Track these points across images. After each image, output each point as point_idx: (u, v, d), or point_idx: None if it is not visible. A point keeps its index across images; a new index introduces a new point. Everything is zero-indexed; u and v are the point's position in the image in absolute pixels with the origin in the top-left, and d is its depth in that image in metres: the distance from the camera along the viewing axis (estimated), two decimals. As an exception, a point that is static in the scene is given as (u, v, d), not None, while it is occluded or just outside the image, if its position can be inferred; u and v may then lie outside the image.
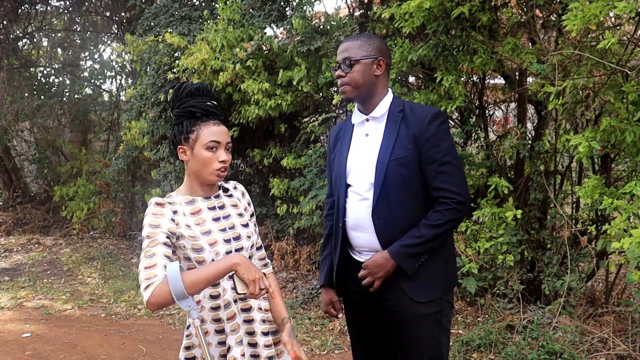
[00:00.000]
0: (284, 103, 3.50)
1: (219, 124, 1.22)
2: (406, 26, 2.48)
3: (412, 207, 1.32)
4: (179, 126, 1.22)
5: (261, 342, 1.23)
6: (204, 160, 1.19)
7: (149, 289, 1.07)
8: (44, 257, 5.31)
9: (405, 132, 1.32)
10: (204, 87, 1.22)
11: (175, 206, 1.19)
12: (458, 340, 2.49)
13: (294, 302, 3.38)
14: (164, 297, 1.07)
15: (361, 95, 1.36)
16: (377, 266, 1.31)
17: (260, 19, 3.72)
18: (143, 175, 5.79)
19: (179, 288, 1.06)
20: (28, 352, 2.83)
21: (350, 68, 1.33)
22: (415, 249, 1.30)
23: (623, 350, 2.20)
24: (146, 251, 1.12)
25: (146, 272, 1.10)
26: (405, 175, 1.31)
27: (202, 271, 1.11)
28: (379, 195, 1.31)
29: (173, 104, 1.24)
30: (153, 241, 1.13)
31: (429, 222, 1.30)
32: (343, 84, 1.35)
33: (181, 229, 1.17)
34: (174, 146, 1.24)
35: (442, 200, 1.31)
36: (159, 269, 1.10)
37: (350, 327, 1.52)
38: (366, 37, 1.37)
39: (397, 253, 1.30)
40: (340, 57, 1.35)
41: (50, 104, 6.58)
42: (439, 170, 1.30)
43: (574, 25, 1.88)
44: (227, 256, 1.14)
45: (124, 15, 6.40)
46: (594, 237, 2.63)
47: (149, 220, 1.15)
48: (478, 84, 3.07)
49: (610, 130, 2.04)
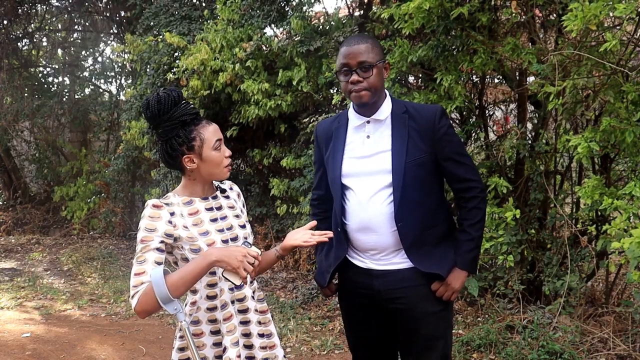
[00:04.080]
0: (284, 103, 3.50)
1: (210, 122, 1.22)
2: (406, 27, 2.48)
3: (430, 205, 1.36)
4: (176, 138, 1.17)
5: (257, 343, 1.23)
6: (216, 161, 1.19)
7: (135, 297, 1.08)
8: (44, 257, 5.31)
9: (417, 133, 1.33)
10: (179, 92, 1.20)
11: (172, 207, 1.18)
12: (458, 340, 2.49)
13: (294, 302, 3.38)
14: (149, 304, 1.07)
15: (375, 98, 1.34)
16: (456, 281, 1.36)
17: (259, 19, 3.72)
18: (143, 175, 5.79)
19: (163, 291, 1.06)
20: (28, 352, 2.84)
21: (368, 72, 1.30)
22: (475, 251, 1.38)
23: (623, 351, 2.20)
24: (138, 256, 1.12)
25: (135, 279, 1.10)
26: (423, 175, 1.33)
27: (183, 272, 1.10)
28: (400, 198, 1.31)
29: (159, 118, 1.17)
30: (146, 247, 1.12)
31: (471, 221, 1.36)
32: (362, 89, 1.31)
33: (179, 231, 1.16)
34: (174, 160, 1.20)
35: (471, 195, 1.37)
36: (146, 276, 1.09)
37: (351, 331, 1.50)
38: (371, 39, 1.37)
39: (465, 264, 1.37)
40: (354, 61, 1.30)
41: (50, 104, 6.58)
42: (459, 162, 1.36)
43: (574, 25, 1.88)
44: (203, 253, 1.13)
45: (124, 15, 6.40)
46: (594, 237, 2.62)
47: (145, 224, 1.14)
48: (478, 84, 3.07)
49: (610, 130, 2.04)
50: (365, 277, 1.39)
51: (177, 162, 1.20)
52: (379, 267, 1.38)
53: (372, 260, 1.39)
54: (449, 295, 1.36)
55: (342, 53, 1.33)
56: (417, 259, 1.35)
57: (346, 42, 1.36)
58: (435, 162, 1.35)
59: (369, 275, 1.38)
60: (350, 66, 1.31)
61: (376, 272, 1.38)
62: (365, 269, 1.39)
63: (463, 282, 1.37)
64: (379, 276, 1.37)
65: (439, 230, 1.39)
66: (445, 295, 1.36)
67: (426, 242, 1.36)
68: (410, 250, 1.34)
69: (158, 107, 1.17)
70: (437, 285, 1.36)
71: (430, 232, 1.36)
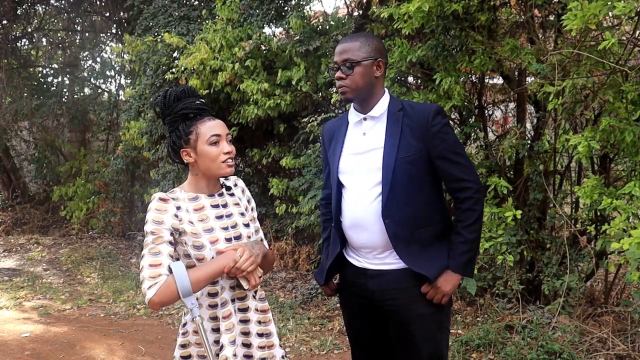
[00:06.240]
0: (283, 103, 3.49)
1: (213, 118, 1.23)
2: (405, 27, 2.48)
3: (422, 203, 1.34)
4: (176, 132, 1.21)
5: (256, 343, 1.23)
6: (210, 156, 1.20)
7: (153, 287, 1.09)
8: (43, 257, 5.30)
9: (409, 130, 1.32)
10: (189, 89, 1.23)
11: (178, 202, 1.19)
12: (457, 340, 2.49)
13: (293, 302, 3.38)
14: (168, 296, 1.09)
15: (360, 96, 1.35)
16: (447, 284, 1.33)
17: (258, 19, 3.72)
18: (142, 175, 5.79)
19: (186, 285, 1.09)
20: (27, 351, 2.83)
21: (351, 70, 1.31)
22: (468, 253, 1.34)
23: (622, 350, 2.20)
24: (151, 248, 1.13)
25: (151, 270, 1.11)
26: (413, 172, 1.31)
27: (205, 269, 1.14)
28: (388, 194, 1.30)
29: (163, 112, 1.24)
30: (158, 238, 1.13)
31: (465, 223, 1.33)
32: (343, 85, 1.33)
33: (184, 225, 1.17)
34: (175, 153, 1.23)
35: (465, 195, 1.33)
36: (164, 268, 1.11)
37: (349, 330, 1.52)
38: (364, 37, 1.36)
39: (457, 267, 1.34)
40: (339, 58, 1.33)
41: (50, 103, 6.57)
42: (453, 161, 1.33)
43: (573, 24, 1.87)
44: (225, 254, 1.17)
45: (122, 16, 6.39)
46: (594, 237, 2.63)
47: (152, 216, 1.15)
48: (477, 84, 3.06)
49: (609, 130, 2.04)
50: (360, 277, 1.40)
51: (178, 156, 1.23)
52: (373, 267, 1.38)
53: (367, 259, 1.39)
54: (439, 298, 1.33)
55: (335, 50, 1.37)
56: (406, 257, 1.33)
57: (341, 39, 1.38)
58: (429, 161, 1.33)
59: (364, 276, 1.39)
60: (337, 63, 1.34)
61: (371, 272, 1.38)
62: (361, 268, 1.40)
63: (455, 285, 1.34)
64: (373, 276, 1.37)
65: (433, 230, 1.36)
66: (436, 299, 1.34)
67: (417, 241, 1.34)
68: (399, 248, 1.33)
69: (163, 102, 1.22)
70: (426, 287, 1.34)
71: (422, 231, 1.35)
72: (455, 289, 1.35)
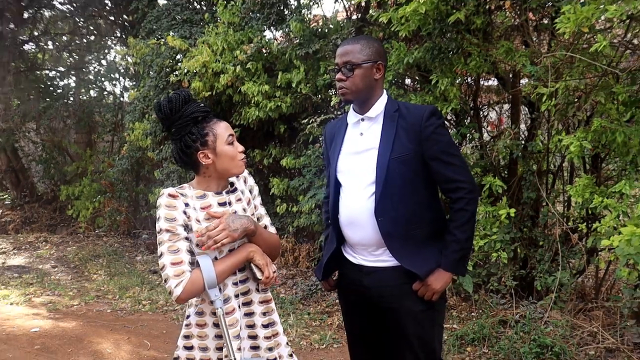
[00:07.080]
0: (284, 105, 3.56)
1: (220, 119, 1.25)
2: (402, 30, 2.53)
3: (415, 203, 1.36)
4: (190, 134, 1.20)
5: (261, 334, 1.26)
6: (230, 155, 1.21)
7: (179, 286, 1.12)
8: (52, 254, 5.41)
9: (404, 131, 1.34)
10: (188, 93, 1.24)
11: (187, 199, 1.20)
12: (452, 334, 2.55)
13: (294, 297, 3.45)
14: (194, 291, 1.15)
15: (360, 98, 1.38)
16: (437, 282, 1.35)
17: (259, 22, 3.78)
18: (146, 175, 5.87)
19: (212, 278, 1.15)
20: (37, 346, 2.92)
21: (352, 72, 1.34)
22: (460, 252, 1.36)
23: (612, 344, 2.25)
24: (170, 246, 1.14)
25: (174, 269, 1.13)
26: (407, 173, 1.33)
27: (228, 261, 1.20)
28: (381, 193, 1.32)
29: (170, 117, 1.21)
30: (175, 235, 1.15)
31: (457, 223, 1.35)
32: (343, 87, 1.36)
33: (192, 223, 1.18)
34: (187, 156, 1.21)
35: (458, 195, 1.35)
36: (186, 265, 1.14)
37: (347, 324, 1.55)
38: (365, 40, 1.38)
39: (448, 265, 1.35)
40: (340, 60, 1.35)
41: (56, 106, 6.68)
42: (447, 162, 1.34)
43: (566, 27, 1.88)
44: (244, 246, 1.23)
45: (127, 19, 6.48)
46: (585, 234, 2.67)
47: (164, 213, 1.16)
48: (473, 86, 3.11)
49: (601, 131, 2.06)
50: (357, 273, 1.43)
51: (192, 159, 1.21)
52: (368, 264, 1.41)
53: (362, 256, 1.43)
54: (430, 295, 1.35)
55: (336, 52, 1.40)
56: (399, 254, 1.36)
57: (343, 41, 1.42)
58: (422, 161, 1.34)
59: (360, 272, 1.42)
60: (338, 65, 1.37)
61: (366, 268, 1.41)
62: (357, 265, 1.43)
63: (446, 283, 1.35)
64: (369, 273, 1.41)
65: (427, 229, 1.38)
66: (426, 296, 1.35)
67: (410, 240, 1.36)
68: (392, 246, 1.35)
69: (169, 107, 1.20)
70: (417, 285, 1.36)
71: (416, 230, 1.36)
72: (446, 286, 1.36)
